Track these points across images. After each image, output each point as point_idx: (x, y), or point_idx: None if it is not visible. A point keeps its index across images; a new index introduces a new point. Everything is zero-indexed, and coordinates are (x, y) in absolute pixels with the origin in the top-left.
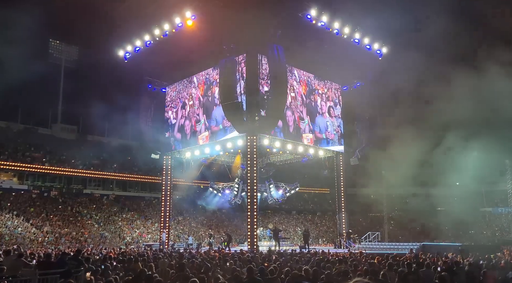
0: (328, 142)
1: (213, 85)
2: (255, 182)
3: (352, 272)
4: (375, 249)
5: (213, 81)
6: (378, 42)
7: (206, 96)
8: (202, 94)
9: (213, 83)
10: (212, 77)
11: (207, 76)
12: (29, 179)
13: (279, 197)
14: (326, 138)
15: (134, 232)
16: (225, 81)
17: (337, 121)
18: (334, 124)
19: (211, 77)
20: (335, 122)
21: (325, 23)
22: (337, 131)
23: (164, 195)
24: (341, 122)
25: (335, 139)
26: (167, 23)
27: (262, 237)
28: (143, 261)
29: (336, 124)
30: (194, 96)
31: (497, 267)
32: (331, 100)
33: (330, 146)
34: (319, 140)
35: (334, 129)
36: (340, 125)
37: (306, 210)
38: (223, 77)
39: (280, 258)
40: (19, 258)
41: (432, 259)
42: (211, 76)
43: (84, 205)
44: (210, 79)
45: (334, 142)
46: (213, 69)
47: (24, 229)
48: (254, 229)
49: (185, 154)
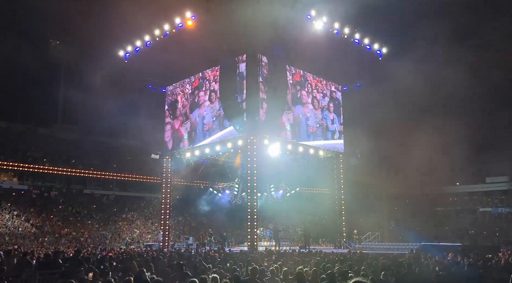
0: (308, 135)
1: (206, 84)
2: (255, 182)
3: (352, 272)
4: (375, 249)
5: (208, 81)
6: (378, 42)
7: (197, 96)
8: (197, 94)
9: (207, 83)
10: (208, 77)
11: (203, 76)
12: (29, 179)
13: (279, 197)
14: (307, 131)
15: (134, 232)
16: (225, 82)
17: (322, 114)
18: (317, 117)
19: (207, 77)
20: (319, 115)
21: (325, 23)
22: (321, 125)
23: (164, 195)
24: (327, 116)
25: (317, 133)
26: (167, 23)
27: (262, 237)
28: (143, 261)
29: (319, 117)
30: (190, 96)
31: (497, 268)
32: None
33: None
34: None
35: (317, 123)
36: (324, 119)
37: (306, 210)
38: (223, 77)
39: (280, 258)
40: (23, 257)
41: (431, 259)
42: (207, 76)
43: (84, 205)
44: (206, 79)
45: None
46: (211, 70)
47: (24, 229)
48: (254, 229)
49: (185, 154)
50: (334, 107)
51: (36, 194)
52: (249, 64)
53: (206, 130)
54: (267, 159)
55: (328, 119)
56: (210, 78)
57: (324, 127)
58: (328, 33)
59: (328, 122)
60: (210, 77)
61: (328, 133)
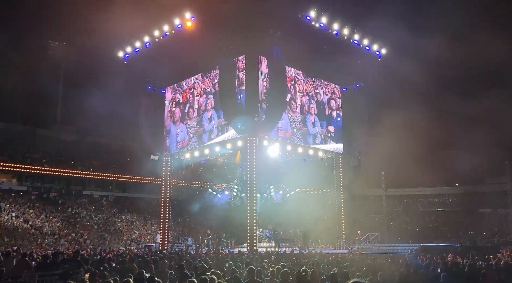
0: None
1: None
2: (254, 183)
3: (351, 273)
4: (375, 250)
5: (208, 84)
6: (378, 43)
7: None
8: (198, 95)
9: (206, 86)
10: (207, 80)
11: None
12: (28, 180)
13: (279, 198)
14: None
15: (133, 233)
16: (224, 83)
17: (300, 117)
18: (295, 120)
19: (207, 79)
20: (297, 118)
21: (324, 24)
22: (300, 129)
23: (163, 196)
24: (306, 119)
25: (295, 137)
26: (166, 24)
27: (261, 238)
28: (143, 262)
29: (297, 120)
30: (190, 98)
31: (497, 268)
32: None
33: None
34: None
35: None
36: (305, 122)
37: (305, 211)
38: (222, 78)
39: (280, 259)
40: (22, 258)
41: (431, 260)
42: (207, 79)
43: (84, 206)
44: (206, 82)
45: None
46: (211, 72)
47: (23, 231)
48: (254, 230)
49: (184, 155)
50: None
51: (35, 195)
52: (249, 65)
53: (207, 132)
54: (266, 159)
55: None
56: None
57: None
58: (327, 34)
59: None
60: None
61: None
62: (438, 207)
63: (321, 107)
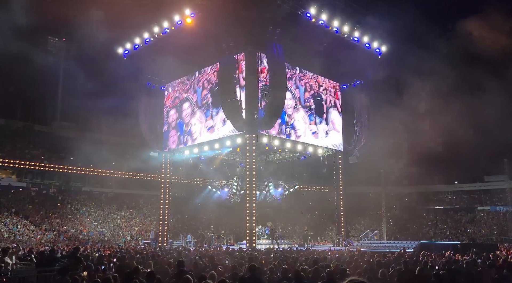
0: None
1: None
2: (254, 180)
3: (349, 269)
4: (373, 247)
5: (208, 81)
6: (377, 41)
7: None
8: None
9: (206, 83)
10: (207, 76)
11: (202, 76)
12: (28, 176)
13: (278, 195)
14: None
15: (133, 230)
16: (224, 79)
17: (300, 114)
18: (294, 117)
19: (206, 76)
20: (297, 115)
21: (325, 22)
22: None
23: (163, 193)
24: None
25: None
26: (166, 20)
27: (260, 235)
28: (142, 259)
29: (297, 118)
30: (189, 95)
31: (495, 266)
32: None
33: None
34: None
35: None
36: (305, 119)
37: (304, 208)
38: (222, 75)
39: (279, 256)
40: (22, 254)
41: (430, 258)
42: (207, 76)
43: (83, 203)
44: (206, 78)
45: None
46: (211, 68)
47: (22, 227)
48: (253, 227)
49: (184, 152)
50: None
51: (35, 191)
52: (248, 62)
53: (206, 128)
54: (266, 156)
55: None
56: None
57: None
58: (327, 31)
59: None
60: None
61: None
62: (437, 204)
63: (320, 104)
